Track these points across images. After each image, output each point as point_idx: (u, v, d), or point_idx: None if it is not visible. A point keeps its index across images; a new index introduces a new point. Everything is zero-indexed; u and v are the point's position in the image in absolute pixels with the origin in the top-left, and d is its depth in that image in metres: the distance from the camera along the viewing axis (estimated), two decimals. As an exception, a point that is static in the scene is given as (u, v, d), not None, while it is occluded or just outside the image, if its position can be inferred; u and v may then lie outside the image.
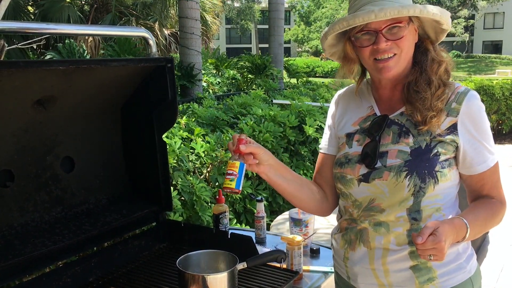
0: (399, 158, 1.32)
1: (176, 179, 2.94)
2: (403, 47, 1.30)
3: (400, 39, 1.29)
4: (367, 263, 1.38)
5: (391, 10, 1.24)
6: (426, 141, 1.33)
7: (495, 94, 9.37)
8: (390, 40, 1.29)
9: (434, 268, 1.33)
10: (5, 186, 1.61)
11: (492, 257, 4.25)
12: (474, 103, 1.34)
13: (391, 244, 1.34)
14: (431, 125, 1.31)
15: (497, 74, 27.70)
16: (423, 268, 1.33)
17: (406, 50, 1.32)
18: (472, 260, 1.41)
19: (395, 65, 1.32)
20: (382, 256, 1.35)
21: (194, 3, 7.64)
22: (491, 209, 1.37)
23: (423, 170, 1.30)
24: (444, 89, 1.35)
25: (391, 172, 1.32)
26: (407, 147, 1.33)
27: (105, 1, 12.31)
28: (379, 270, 1.36)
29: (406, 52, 1.32)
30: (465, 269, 1.37)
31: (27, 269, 1.58)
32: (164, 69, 1.82)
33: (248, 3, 40.78)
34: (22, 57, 9.34)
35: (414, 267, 1.33)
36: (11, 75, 1.40)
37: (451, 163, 1.33)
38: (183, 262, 1.54)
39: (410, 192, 1.30)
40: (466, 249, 1.40)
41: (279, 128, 4.09)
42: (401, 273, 1.34)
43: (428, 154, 1.31)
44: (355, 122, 1.47)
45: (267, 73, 9.49)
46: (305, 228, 2.05)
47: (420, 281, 1.34)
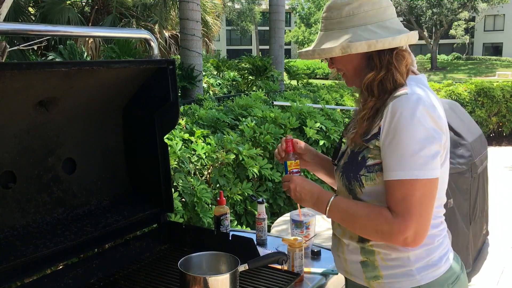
0: (344, 159, 1.46)
1: (177, 180, 2.94)
2: (342, 68, 1.44)
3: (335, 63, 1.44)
4: (336, 249, 1.53)
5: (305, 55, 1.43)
6: (357, 146, 1.41)
7: (495, 96, 9.37)
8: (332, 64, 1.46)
9: (380, 268, 1.39)
10: (7, 187, 1.61)
11: (493, 260, 4.26)
12: (400, 108, 1.26)
13: (345, 237, 1.46)
14: (351, 141, 1.42)
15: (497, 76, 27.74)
16: (370, 265, 1.41)
17: (346, 68, 1.43)
18: (429, 271, 1.36)
19: (347, 80, 1.47)
20: (341, 246, 1.49)
21: (195, 4, 7.64)
22: (369, 216, 1.31)
23: (350, 173, 1.39)
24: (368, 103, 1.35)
25: (338, 172, 1.47)
26: (350, 150, 1.45)
27: (106, 3, 12.32)
28: (341, 258, 1.50)
29: (348, 70, 1.43)
30: (414, 277, 1.36)
31: (28, 271, 1.58)
32: (166, 71, 1.82)
33: (249, 5, 40.83)
34: (23, 59, 9.34)
35: (363, 262, 1.42)
36: (13, 76, 1.40)
37: (381, 168, 1.32)
38: (185, 264, 1.54)
39: (347, 192, 1.41)
40: (422, 259, 1.36)
41: (279, 129, 4.09)
42: (354, 265, 1.45)
43: (357, 158, 1.38)
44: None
45: (267, 74, 9.48)
46: (306, 230, 2.05)
47: (367, 276, 1.42)
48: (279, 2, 10.32)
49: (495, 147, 9.35)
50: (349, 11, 1.34)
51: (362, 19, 1.34)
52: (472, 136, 4.10)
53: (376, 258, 1.39)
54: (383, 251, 1.37)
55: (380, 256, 1.38)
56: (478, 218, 4.13)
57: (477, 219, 4.11)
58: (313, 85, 10.57)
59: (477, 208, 4.06)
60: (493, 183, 5.68)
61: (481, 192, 4.14)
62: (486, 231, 4.52)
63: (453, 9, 34.01)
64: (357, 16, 1.34)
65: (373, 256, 1.39)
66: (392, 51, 1.34)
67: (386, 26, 1.35)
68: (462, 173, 3.76)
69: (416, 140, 1.24)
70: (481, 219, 4.27)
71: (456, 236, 3.64)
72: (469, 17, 35.96)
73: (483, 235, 4.44)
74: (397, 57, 1.34)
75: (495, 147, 9.40)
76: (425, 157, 1.24)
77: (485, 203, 4.38)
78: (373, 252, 1.39)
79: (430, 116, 1.26)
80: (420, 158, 1.24)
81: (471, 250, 3.95)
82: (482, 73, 32.10)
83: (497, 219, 5.14)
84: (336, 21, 1.36)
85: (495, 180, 6.51)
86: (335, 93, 7.43)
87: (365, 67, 1.37)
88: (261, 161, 3.65)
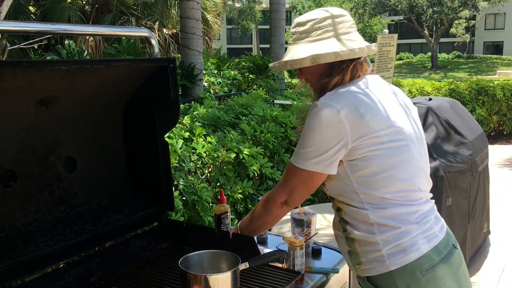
0: None
1: (178, 179, 2.94)
2: (308, 79, 1.58)
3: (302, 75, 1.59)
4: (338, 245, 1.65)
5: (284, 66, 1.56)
6: None
7: (496, 95, 9.36)
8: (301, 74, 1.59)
9: (360, 255, 1.51)
10: (8, 186, 1.61)
11: (494, 258, 4.26)
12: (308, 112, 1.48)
13: (335, 229, 1.61)
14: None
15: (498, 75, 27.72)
16: (353, 254, 1.53)
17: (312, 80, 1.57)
18: (398, 257, 1.44)
19: (314, 90, 1.59)
20: (336, 239, 1.64)
21: (195, 3, 7.63)
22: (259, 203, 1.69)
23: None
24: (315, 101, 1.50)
25: None
26: None
27: (106, 1, 12.31)
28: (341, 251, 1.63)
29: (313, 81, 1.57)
30: (384, 262, 1.45)
31: (29, 269, 1.58)
32: (166, 69, 1.82)
33: (249, 4, 40.80)
34: (23, 57, 9.34)
35: (349, 251, 1.55)
36: (14, 75, 1.40)
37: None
38: (185, 262, 1.54)
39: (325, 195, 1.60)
40: (390, 243, 1.45)
41: (280, 128, 4.09)
42: (345, 255, 1.59)
43: None
44: None
45: (268, 73, 9.48)
46: (307, 229, 2.05)
47: (353, 263, 1.55)
48: (279, 1, 10.31)
49: (495, 146, 9.34)
50: (313, 25, 1.51)
51: (327, 32, 1.50)
52: (472, 134, 4.10)
53: (356, 246, 1.51)
54: (358, 237, 1.50)
55: (357, 243, 1.51)
56: (478, 216, 4.12)
57: (477, 217, 4.11)
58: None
59: (477, 206, 4.06)
60: (494, 182, 5.68)
61: (481, 190, 4.14)
62: (487, 230, 4.52)
63: (454, 7, 33.98)
64: (322, 30, 1.51)
65: (353, 244, 1.52)
66: (352, 61, 1.50)
67: (349, 38, 1.51)
68: (463, 171, 3.75)
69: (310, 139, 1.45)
70: (481, 217, 4.27)
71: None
72: (469, 16, 35.93)
73: (483, 233, 4.43)
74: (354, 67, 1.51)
75: (495, 145, 9.40)
76: (315, 152, 1.45)
77: (486, 201, 4.37)
78: (353, 240, 1.52)
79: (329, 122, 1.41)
80: (308, 154, 1.46)
81: (468, 248, 3.95)
82: (483, 72, 32.08)
83: (498, 218, 5.14)
84: (304, 35, 1.52)
85: (496, 179, 6.51)
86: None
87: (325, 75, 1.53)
88: (261, 159, 3.65)
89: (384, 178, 1.45)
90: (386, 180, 1.45)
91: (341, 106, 1.41)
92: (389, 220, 1.45)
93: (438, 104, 4.15)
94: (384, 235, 1.45)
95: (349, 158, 1.44)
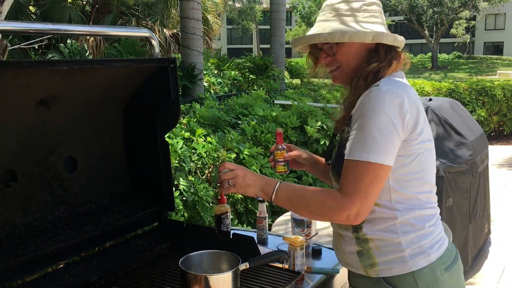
0: (333, 156, 1.53)
1: (178, 179, 2.95)
2: (341, 61, 1.47)
3: (335, 55, 1.47)
4: (335, 243, 1.60)
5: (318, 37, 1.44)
6: (339, 139, 1.50)
7: (496, 96, 9.37)
8: (329, 56, 1.48)
9: (374, 255, 1.45)
10: (8, 186, 1.61)
11: (494, 258, 4.26)
12: (367, 96, 1.35)
13: (342, 229, 1.52)
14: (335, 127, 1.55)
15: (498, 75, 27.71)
16: (365, 254, 1.46)
17: (346, 63, 1.47)
18: (420, 257, 1.42)
19: (339, 75, 1.50)
20: (338, 238, 1.55)
21: (195, 3, 7.64)
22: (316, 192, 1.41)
23: (338, 167, 1.42)
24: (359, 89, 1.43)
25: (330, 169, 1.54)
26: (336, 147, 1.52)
27: (107, 1, 12.31)
28: (340, 250, 1.56)
29: (347, 65, 1.47)
30: (407, 263, 1.42)
31: (29, 269, 1.58)
32: (167, 69, 1.82)
33: (249, 4, 40.81)
34: (23, 57, 9.35)
35: (359, 252, 1.48)
36: (15, 75, 1.40)
37: None
38: (186, 262, 1.54)
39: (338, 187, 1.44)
40: (413, 244, 1.42)
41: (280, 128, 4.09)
42: (351, 255, 1.50)
43: (341, 151, 1.43)
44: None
45: (268, 73, 9.49)
46: (307, 229, 2.05)
47: (364, 265, 1.47)
48: (280, 1, 10.32)
49: (496, 146, 9.34)
50: (361, 6, 1.45)
51: (374, 17, 1.45)
52: (473, 135, 4.10)
53: (370, 246, 1.45)
54: (376, 237, 1.43)
55: (373, 243, 1.44)
56: (479, 217, 4.12)
57: (478, 218, 4.11)
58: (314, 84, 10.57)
59: (478, 207, 4.06)
60: (494, 182, 5.69)
61: (482, 191, 4.14)
62: (488, 230, 4.52)
63: (454, 8, 33.99)
64: (369, 14, 1.45)
65: (367, 244, 1.45)
66: (394, 49, 1.46)
67: (387, 29, 1.49)
68: (463, 172, 3.75)
69: (377, 127, 1.32)
70: (482, 218, 4.27)
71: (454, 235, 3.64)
72: (470, 16, 35.93)
73: (484, 234, 4.44)
74: (398, 55, 1.47)
75: (496, 146, 9.39)
76: (382, 144, 1.32)
77: (486, 202, 4.38)
78: (366, 240, 1.45)
79: (396, 108, 1.32)
80: (378, 144, 1.32)
81: (471, 248, 3.95)
82: (483, 72, 32.07)
83: (498, 218, 5.14)
84: (349, 13, 1.45)
85: (496, 179, 6.51)
86: (336, 92, 7.42)
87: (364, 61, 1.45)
88: (262, 160, 3.66)
89: (419, 178, 1.42)
90: (419, 180, 1.42)
91: (404, 94, 1.34)
92: (414, 221, 1.42)
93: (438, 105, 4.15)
94: (408, 235, 1.41)
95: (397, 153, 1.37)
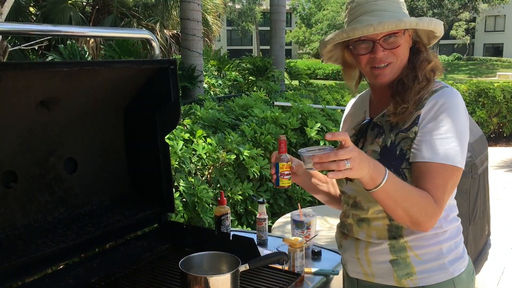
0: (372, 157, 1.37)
1: (178, 180, 2.95)
2: (398, 55, 1.37)
3: (396, 48, 1.35)
4: (353, 252, 1.48)
5: (389, 24, 1.30)
6: (391, 139, 1.37)
7: (496, 97, 9.37)
8: (386, 49, 1.35)
9: (413, 264, 1.38)
10: (9, 187, 1.62)
11: (493, 260, 4.26)
12: (442, 98, 1.32)
13: (372, 237, 1.42)
14: (401, 117, 1.35)
15: (498, 77, 27.72)
16: (401, 263, 1.38)
17: (402, 57, 1.38)
18: (458, 263, 1.42)
19: (390, 73, 1.38)
20: (365, 247, 1.44)
21: (196, 5, 7.65)
22: (420, 194, 1.27)
23: (389, 169, 1.29)
24: (427, 84, 1.36)
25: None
26: (378, 147, 1.39)
27: (107, 3, 12.32)
28: (363, 260, 1.45)
29: (402, 60, 1.38)
30: (447, 270, 1.38)
31: (29, 270, 1.58)
32: (167, 71, 1.83)
33: (249, 5, 40.83)
34: (23, 58, 9.34)
35: (393, 261, 1.39)
36: (15, 76, 1.41)
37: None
38: (186, 264, 1.54)
39: None
40: (452, 251, 1.40)
41: (280, 130, 4.10)
42: (381, 265, 1.41)
43: (394, 152, 1.34)
44: (353, 127, 1.55)
45: (268, 75, 9.49)
46: (307, 230, 2.05)
47: (398, 275, 1.39)
48: (280, 2, 10.33)
49: (495, 148, 9.34)
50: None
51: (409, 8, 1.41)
52: (472, 136, 4.10)
53: (408, 255, 1.38)
54: (417, 245, 1.37)
55: (412, 252, 1.37)
56: (479, 219, 4.12)
57: (478, 220, 4.11)
58: (313, 85, 10.58)
59: (478, 209, 4.06)
60: (494, 184, 5.68)
61: (481, 193, 4.14)
62: (488, 232, 4.52)
63: (454, 9, 34.01)
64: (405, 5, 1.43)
65: (404, 253, 1.38)
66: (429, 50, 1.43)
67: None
68: (462, 173, 3.75)
69: (459, 130, 1.28)
70: (482, 220, 4.27)
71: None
72: (469, 18, 35.95)
73: (485, 236, 4.44)
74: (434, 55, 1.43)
75: (495, 147, 9.40)
76: (462, 147, 1.29)
77: (486, 204, 4.38)
78: (404, 248, 1.38)
79: (466, 111, 1.33)
80: (459, 147, 1.28)
81: (471, 250, 3.95)
82: (483, 73, 32.06)
83: (498, 220, 5.14)
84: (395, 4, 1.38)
85: (496, 181, 6.51)
86: (336, 93, 7.43)
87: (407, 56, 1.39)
88: (261, 161, 3.66)
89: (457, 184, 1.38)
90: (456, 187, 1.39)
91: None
92: (454, 227, 1.42)
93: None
94: (448, 242, 1.39)
95: None
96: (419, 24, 1.33)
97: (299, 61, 31.02)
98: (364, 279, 1.49)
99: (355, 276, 1.52)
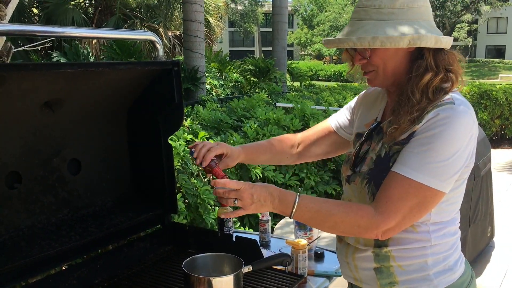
0: (368, 165, 1.37)
1: (181, 181, 2.95)
2: (377, 64, 1.31)
3: (370, 58, 1.31)
4: (343, 255, 1.47)
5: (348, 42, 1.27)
6: (386, 150, 1.33)
7: (498, 99, 9.36)
8: (364, 58, 1.32)
9: (396, 274, 1.36)
10: (12, 188, 1.62)
11: (496, 261, 4.25)
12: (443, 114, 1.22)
13: (360, 244, 1.40)
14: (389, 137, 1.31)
15: (500, 79, 27.68)
16: (384, 272, 1.37)
17: (383, 66, 1.31)
18: (446, 275, 1.35)
19: (375, 79, 1.35)
20: (353, 252, 1.42)
21: (198, 6, 7.66)
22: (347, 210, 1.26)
23: (380, 180, 1.29)
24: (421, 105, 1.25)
25: (359, 178, 1.38)
26: (374, 155, 1.36)
27: (109, 4, 12.35)
28: (351, 265, 1.44)
29: (384, 68, 1.31)
30: (431, 282, 1.34)
31: (33, 271, 1.59)
32: (170, 72, 1.83)
33: (252, 6, 40.88)
34: (27, 59, 9.38)
35: (377, 269, 1.38)
36: (20, 78, 1.41)
37: None
38: (189, 265, 1.54)
39: (371, 200, 1.31)
40: (438, 263, 1.35)
41: (282, 131, 4.10)
42: (366, 272, 1.40)
43: (387, 163, 1.30)
44: (368, 123, 1.49)
45: (270, 76, 9.50)
46: (310, 232, 2.05)
47: (382, 283, 1.38)
48: (282, 4, 10.34)
49: (498, 150, 9.33)
50: (403, 4, 1.25)
51: (416, 14, 1.26)
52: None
53: (391, 264, 1.35)
54: (400, 256, 1.34)
55: (395, 262, 1.35)
56: (480, 220, 4.12)
57: (479, 221, 4.10)
58: (316, 86, 10.57)
59: (479, 210, 4.05)
60: (497, 186, 5.67)
61: (484, 194, 4.14)
62: (490, 234, 4.51)
63: (456, 11, 33.99)
64: (411, 11, 1.26)
65: (388, 262, 1.36)
66: (445, 52, 1.28)
67: (433, 26, 1.29)
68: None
69: (449, 151, 1.21)
70: (484, 221, 4.26)
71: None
72: (472, 20, 35.93)
73: (486, 237, 4.43)
74: (452, 58, 1.29)
75: (498, 149, 9.38)
76: (446, 170, 1.21)
77: (489, 206, 4.37)
78: (388, 258, 1.35)
79: (469, 133, 1.24)
80: (441, 169, 1.21)
81: (468, 251, 3.94)
82: (485, 75, 32.02)
83: (501, 222, 5.13)
84: (387, 11, 1.26)
85: (498, 183, 6.49)
86: (338, 95, 7.42)
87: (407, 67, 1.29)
88: (264, 162, 3.65)
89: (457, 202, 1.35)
90: (457, 204, 1.35)
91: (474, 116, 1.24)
92: (445, 242, 1.35)
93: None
94: (435, 256, 1.34)
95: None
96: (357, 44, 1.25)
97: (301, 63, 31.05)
98: (354, 283, 1.48)
99: (347, 280, 1.53)
